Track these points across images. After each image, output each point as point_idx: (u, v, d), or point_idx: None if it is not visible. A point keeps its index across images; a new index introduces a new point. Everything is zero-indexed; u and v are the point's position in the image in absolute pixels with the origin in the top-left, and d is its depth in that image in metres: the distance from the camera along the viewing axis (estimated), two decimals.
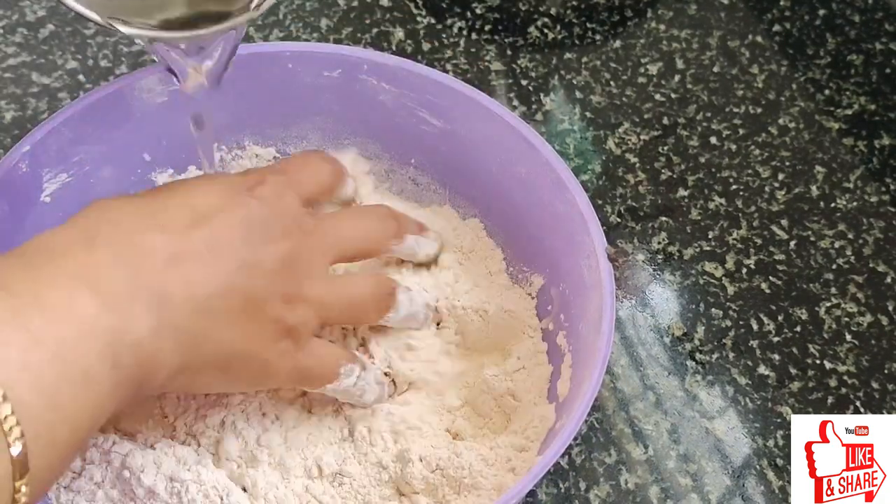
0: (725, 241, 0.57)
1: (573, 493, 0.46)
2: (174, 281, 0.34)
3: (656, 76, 0.64)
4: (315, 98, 0.49)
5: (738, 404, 0.50)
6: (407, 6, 0.67)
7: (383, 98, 0.49)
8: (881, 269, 0.56)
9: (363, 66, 0.48)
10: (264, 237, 0.37)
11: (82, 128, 0.45)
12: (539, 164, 0.45)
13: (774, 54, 0.67)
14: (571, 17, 0.68)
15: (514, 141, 0.46)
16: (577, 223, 0.43)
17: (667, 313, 0.53)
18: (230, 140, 0.51)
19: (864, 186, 0.60)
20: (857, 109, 0.64)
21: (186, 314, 0.34)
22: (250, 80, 0.48)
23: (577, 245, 0.43)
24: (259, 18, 0.64)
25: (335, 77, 0.48)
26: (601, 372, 0.38)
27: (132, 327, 0.33)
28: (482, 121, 0.47)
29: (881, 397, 0.51)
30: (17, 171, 0.43)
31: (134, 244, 0.34)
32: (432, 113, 0.48)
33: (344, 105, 0.49)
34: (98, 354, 0.31)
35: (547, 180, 0.45)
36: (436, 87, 0.47)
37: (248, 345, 0.37)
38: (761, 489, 0.47)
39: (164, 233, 0.35)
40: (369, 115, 0.50)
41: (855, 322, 0.54)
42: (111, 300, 0.32)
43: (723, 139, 0.62)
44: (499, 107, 0.46)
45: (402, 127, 0.49)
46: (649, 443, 0.48)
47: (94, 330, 0.31)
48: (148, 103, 0.47)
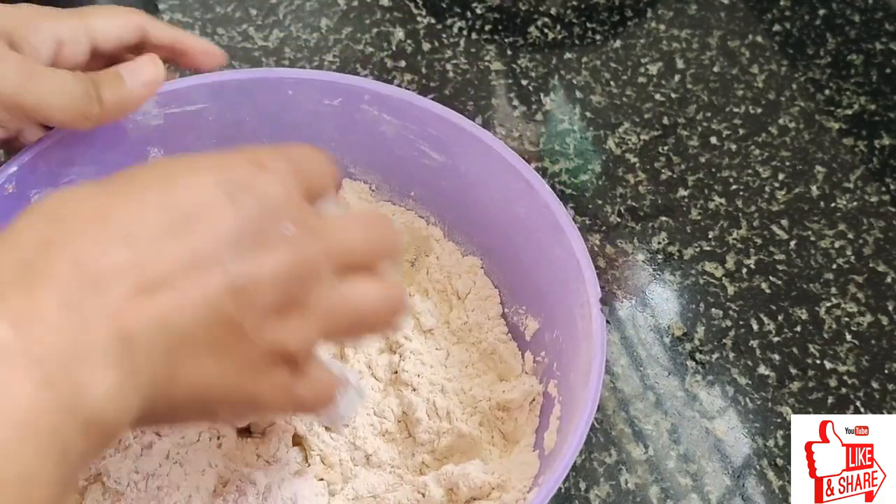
0: (725, 241, 0.57)
1: (573, 493, 0.46)
2: (140, 317, 0.27)
3: (656, 76, 0.64)
4: (315, 126, 0.49)
5: (738, 404, 0.50)
6: (407, 6, 0.67)
7: (384, 129, 0.48)
8: (881, 269, 0.56)
9: (364, 95, 0.47)
10: (260, 243, 0.30)
11: (74, 149, 0.45)
12: (538, 206, 0.43)
13: (774, 54, 0.67)
14: (571, 17, 0.68)
15: (513, 180, 0.45)
16: (572, 270, 0.41)
17: (667, 313, 0.53)
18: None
19: (864, 186, 0.60)
20: (857, 109, 0.64)
21: (157, 358, 0.28)
22: (250, 107, 0.47)
23: (571, 292, 0.41)
24: (259, 18, 0.64)
25: (336, 105, 0.48)
26: (585, 427, 0.36)
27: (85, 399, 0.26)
28: (482, 157, 0.46)
29: (881, 397, 0.51)
30: (1, 191, 0.42)
31: (87, 272, 0.27)
32: (433, 147, 0.47)
33: (344, 134, 0.49)
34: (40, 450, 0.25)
35: (545, 223, 0.43)
36: (437, 120, 0.46)
37: (232, 380, 0.30)
38: (761, 489, 0.47)
39: (129, 247, 0.28)
40: (370, 146, 0.49)
41: (855, 322, 0.54)
42: (54, 370, 0.25)
43: (723, 139, 0.62)
44: (499, 144, 0.45)
45: (403, 159, 0.49)
46: (649, 443, 0.48)
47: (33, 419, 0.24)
48: (142, 125, 0.46)
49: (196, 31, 0.63)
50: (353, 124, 0.48)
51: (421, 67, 0.63)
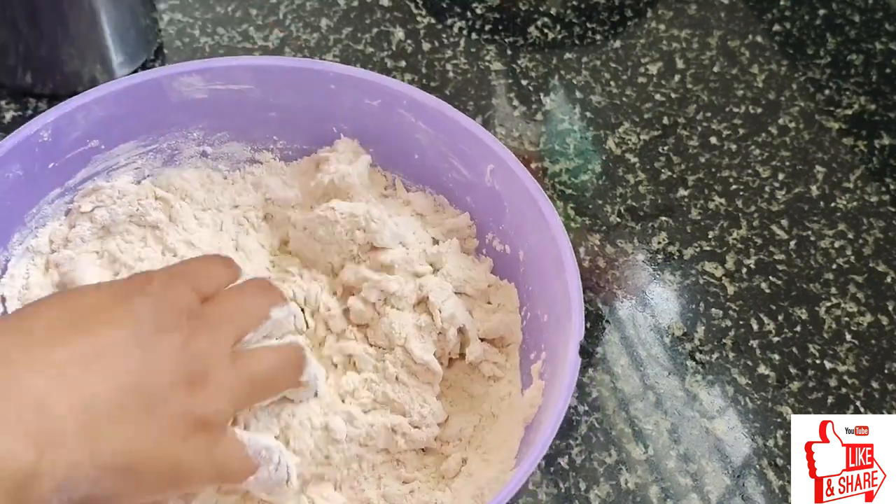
0: (725, 241, 0.57)
1: (573, 493, 0.46)
2: (55, 390, 0.31)
3: (656, 76, 0.64)
4: (355, 122, 0.49)
5: (738, 404, 0.50)
6: (407, 6, 0.67)
7: (419, 137, 0.48)
8: (881, 269, 0.56)
9: (403, 100, 0.48)
10: (156, 329, 0.35)
11: (115, 109, 0.46)
12: (546, 238, 0.44)
13: (774, 54, 0.67)
14: (571, 16, 0.68)
15: (528, 207, 0.45)
16: (563, 307, 0.42)
17: (667, 313, 0.53)
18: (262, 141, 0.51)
19: (864, 186, 0.60)
20: (857, 109, 0.64)
21: (71, 422, 0.31)
22: (294, 94, 0.49)
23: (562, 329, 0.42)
24: (259, 18, 0.64)
25: (375, 106, 0.48)
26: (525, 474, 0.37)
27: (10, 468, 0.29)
28: (506, 180, 0.46)
29: (881, 397, 0.51)
30: (37, 138, 0.44)
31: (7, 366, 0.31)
32: (463, 162, 0.48)
33: (382, 135, 0.49)
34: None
35: (550, 256, 0.44)
36: (467, 136, 0.47)
37: (152, 444, 0.33)
38: (761, 489, 0.47)
39: (42, 346, 0.32)
40: (405, 151, 0.49)
41: (855, 322, 0.54)
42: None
43: (723, 139, 0.62)
44: (523, 171, 0.45)
45: (435, 170, 0.49)
46: (649, 443, 0.48)
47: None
48: (186, 97, 0.48)
49: (196, 31, 0.63)
50: (391, 127, 0.49)
51: (421, 67, 0.63)
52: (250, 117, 0.50)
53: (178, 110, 0.48)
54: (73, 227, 0.47)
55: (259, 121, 0.50)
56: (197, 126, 0.49)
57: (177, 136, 0.49)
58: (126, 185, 0.48)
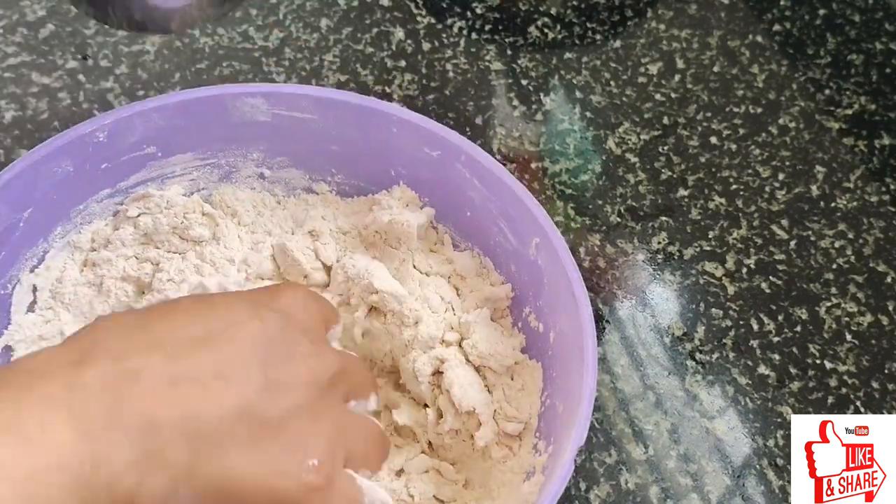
0: (725, 240, 0.57)
1: (573, 493, 0.46)
2: (166, 406, 0.31)
3: (656, 76, 0.64)
4: (413, 169, 0.49)
5: (738, 404, 0.50)
6: (407, 6, 0.67)
7: (472, 195, 0.47)
8: (881, 269, 0.56)
9: (461, 156, 0.47)
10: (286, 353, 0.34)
11: (176, 119, 0.46)
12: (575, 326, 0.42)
13: (774, 54, 0.67)
14: (571, 16, 0.68)
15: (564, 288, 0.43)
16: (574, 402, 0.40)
17: (667, 313, 0.53)
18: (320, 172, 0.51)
19: (864, 186, 0.60)
20: (857, 109, 0.64)
21: (176, 442, 0.31)
22: (356, 130, 0.48)
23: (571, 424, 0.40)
24: (259, 18, 0.64)
25: (434, 157, 0.48)
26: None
27: (109, 459, 0.29)
28: (548, 256, 0.45)
29: (881, 397, 0.51)
30: (92, 138, 0.44)
31: (125, 366, 0.31)
32: (511, 229, 0.47)
33: (438, 186, 0.49)
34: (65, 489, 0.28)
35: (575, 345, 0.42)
36: (517, 203, 0.46)
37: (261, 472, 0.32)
38: (761, 489, 0.47)
39: (163, 353, 0.32)
40: (458, 206, 0.49)
41: (855, 322, 0.54)
42: (88, 427, 0.29)
43: (723, 139, 0.62)
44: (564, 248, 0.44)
45: (485, 231, 0.48)
46: (649, 443, 0.48)
47: (66, 460, 0.28)
48: (249, 118, 0.48)
49: (196, 31, 0.63)
50: (447, 180, 0.48)
51: (421, 67, 0.63)
52: (311, 147, 0.49)
53: (240, 129, 0.48)
54: (117, 229, 0.48)
55: (319, 151, 0.50)
56: (257, 147, 0.49)
57: (236, 154, 0.49)
58: (175, 197, 0.48)
